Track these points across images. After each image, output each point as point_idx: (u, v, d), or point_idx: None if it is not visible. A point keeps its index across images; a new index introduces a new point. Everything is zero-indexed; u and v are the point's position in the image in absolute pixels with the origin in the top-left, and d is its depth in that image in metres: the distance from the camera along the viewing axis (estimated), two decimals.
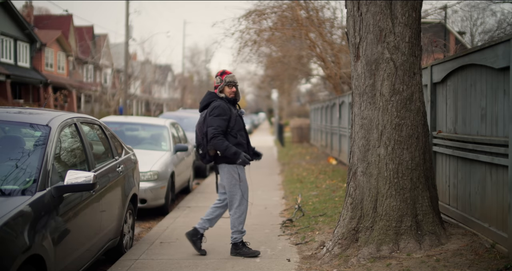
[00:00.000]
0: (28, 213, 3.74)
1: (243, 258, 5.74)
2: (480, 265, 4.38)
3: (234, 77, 5.88)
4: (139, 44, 39.26)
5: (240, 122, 5.86)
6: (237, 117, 5.82)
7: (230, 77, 5.83)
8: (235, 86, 5.86)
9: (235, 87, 5.86)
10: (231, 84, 5.83)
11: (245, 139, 5.86)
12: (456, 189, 5.77)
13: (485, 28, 22.15)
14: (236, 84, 5.89)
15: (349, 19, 5.40)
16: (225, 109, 5.67)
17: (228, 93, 5.83)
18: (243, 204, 5.81)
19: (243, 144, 5.79)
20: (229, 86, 5.83)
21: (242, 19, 15.94)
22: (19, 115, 4.88)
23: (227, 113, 5.67)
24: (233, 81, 5.84)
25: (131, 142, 9.57)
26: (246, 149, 5.83)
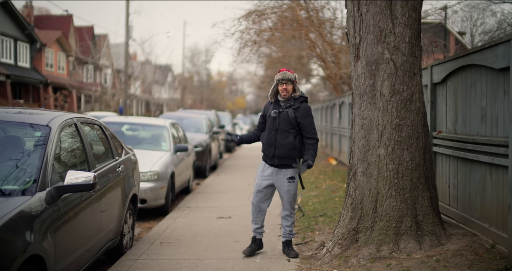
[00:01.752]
0: (28, 213, 3.74)
1: (243, 258, 5.74)
2: (480, 266, 4.38)
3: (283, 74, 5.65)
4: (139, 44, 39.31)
5: (270, 123, 5.73)
6: (270, 117, 5.74)
7: (279, 75, 5.68)
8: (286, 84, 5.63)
9: (287, 84, 5.63)
10: (281, 82, 5.66)
11: (266, 139, 5.75)
12: (456, 189, 5.77)
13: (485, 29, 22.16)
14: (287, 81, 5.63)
15: (349, 19, 5.40)
16: (264, 109, 5.91)
17: (280, 91, 5.70)
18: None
19: (263, 143, 5.80)
20: (280, 84, 5.68)
21: (242, 19, 15.95)
22: (19, 116, 4.88)
23: (263, 112, 5.89)
24: (282, 78, 5.64)
25: (131, 142, 9.57)
26: (264, 149, 5.75)
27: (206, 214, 8.54)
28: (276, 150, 5.64)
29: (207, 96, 63.21)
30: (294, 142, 5.61)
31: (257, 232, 5.94)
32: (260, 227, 5.93)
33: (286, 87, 5.62)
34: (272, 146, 5.67)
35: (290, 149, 5.61)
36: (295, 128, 5.63)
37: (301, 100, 5.70)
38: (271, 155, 5.68)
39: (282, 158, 5.63)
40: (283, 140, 5.63)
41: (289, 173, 5.69)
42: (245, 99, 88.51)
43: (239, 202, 9.74)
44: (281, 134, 5.64)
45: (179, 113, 18.65)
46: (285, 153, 5.62)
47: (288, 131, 5.62)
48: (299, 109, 5.63)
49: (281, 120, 5.64)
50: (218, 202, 9.82)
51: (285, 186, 5.72)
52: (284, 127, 5.63)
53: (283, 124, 5.63)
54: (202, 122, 16.20)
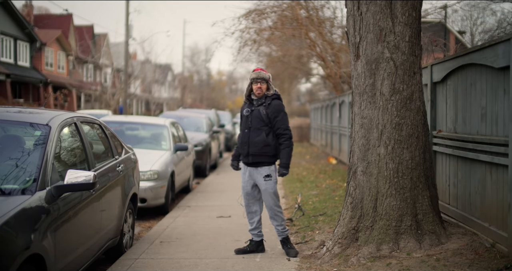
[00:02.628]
0: (28, 212, 3.74)
1: (243, 257, 5.74)
2: (480, 265, 4.38)
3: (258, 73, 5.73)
4: (139, 43, 39.25)
5: (243, 122, 5.84)
6: (243, 117, 5.83)
7: (254, 74, 5.76)
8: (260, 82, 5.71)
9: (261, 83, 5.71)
10: (255, 81, 5.74)
11: (240, 138, 5.83)
12: (456, 188, 5.77)
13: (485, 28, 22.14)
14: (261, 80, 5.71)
15: (349, 18, 5.40)
16: (240, 110, 5.93)
17: (254, 90, 5.78)
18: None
19: (238, 143, 5.85)
20: (254, 83, 5.76)
21: (242, 18, 15.95)
22: (19, 115, 4.88)
23: (241, 112, 5.92)
24: (256, 77, 5.73)
25: (131, 141, 9.57)
26: (240, 149, 5.83)
27: (206, 213, 8.54)
28: (249, 148, 5.71)
29: (207, 96, 63.22)
30: (266, 139, 5.66)
31: (253, 233, 5.93)
32: (254, 229, 5.91)
33: (261, 86, 5.72)
34: (245, 144, 5.74)
35: (262, 146, 5.67)
36: (267, 126, 5.69)
37: (273, 97, 5.78)
38: (245, 153, 5.75)
39: (256, 155, 5.69)
40: (255, 138, 5.69)
41: (264, 171, 5.72)
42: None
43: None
44: (254, 132, 5.71)
45: (179, 113, 18.65)
46: (258, 150, 5.67)
47: (260, 129, 5.69)
48: (270, 106, 5.71)
49: (253, 118, 5.72)
50: (218, 201, 9.82)
51: (262, 185, 5.75)
52: (256, 125, 5.70)
53: (255, 122, 5.70)
54: (202, 121, 16.19)
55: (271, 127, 5.71)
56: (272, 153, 5.71)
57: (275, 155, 5.75)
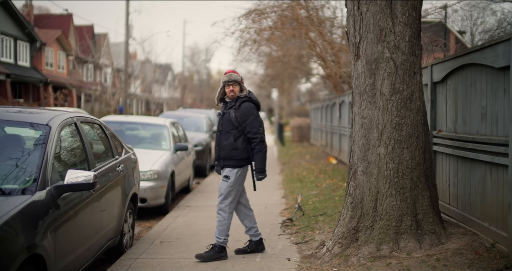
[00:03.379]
0: (28, 213, 3.74)
1: (243, 257, 5.74)
2: (480, 265, 4.38)
3: (229, 76, 5.67)
4: (139, 43, 39.20)
5: (218, 125, 5.81)
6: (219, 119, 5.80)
7: (225, 77, 5.69)
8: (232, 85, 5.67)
9: (233, 86, 5.67)
10: (227, 84, 5.69)
11: (215, 141, 5.82)
12: (456, 188, 5.77)
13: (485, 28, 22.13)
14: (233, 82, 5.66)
15: (349, 18, 5.40)
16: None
17: (227, 93, 5.74)
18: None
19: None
20: (226, 86, 5.71)
21: (242, 18, 15.94)
22: (19, 115, 4.88)
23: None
24: (228, 80, 5.67)
25: (131, 141, 9.57)
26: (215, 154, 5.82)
27: (206, 213, 8.54)
28: (220, 151, 5.69)
29: (207, 95, 63.19)
30: (234, 143, 5.59)
31: (249, 234, 5.96)
32: (248, 230, 5.92)
33: (233, 88, 5.66)
34: (217, 146, 5.73)
35: (230, 149, 5.61)
36: (237, 129, 5.61)
37: (243, 100, 5.68)
38: (217, 156, 5.75)
39: (225, 159, 5.67)
40: (224, 141, 5.66)
41: (226, 172, 5.70)
42: None
43: None
44: (224, 136, 5.67)
45: (179, 113, 18.66)
46: (226, 154, 5.64)
47: (229, 132, 5.64)
48: (240, 109, 5.63)
49: (224, 122, 5.68)
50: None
51: (221, 184, 5.77)
52: (226, 128, 5.66)
53: (225, 125, 5.67)
54: (202, 121, 16.20)
55: (242, 130, 5.62)
56: (241, 157, 5.62)
57: (247, 158, 5.67)
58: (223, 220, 5.73)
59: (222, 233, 5.73)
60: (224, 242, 5.72)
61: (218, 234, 5.73)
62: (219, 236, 5.72)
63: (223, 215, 5.74)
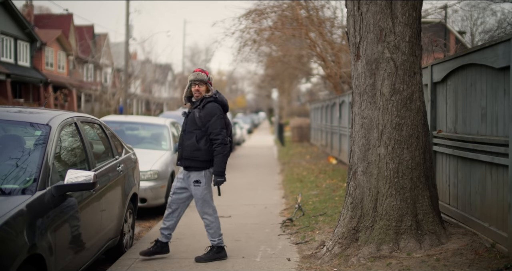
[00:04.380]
0: (28, 212, 3.74)
1: (243, 257, 5.74)
2: (480, 265, 4.38)
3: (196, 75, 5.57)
4: (139, 43, 39.16)
5: (183, 124, 5.72)
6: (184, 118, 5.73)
7: (192, 76, 5.60)
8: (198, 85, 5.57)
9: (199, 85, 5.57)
10: (193, 83, 5.61)
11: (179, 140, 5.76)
12: (456, 188, 5.77)
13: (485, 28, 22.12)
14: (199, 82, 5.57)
15: (349, 18, 5.40)
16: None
17: (193, 92, 5.65)
18: None
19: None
20: (192, 85, 5.64)
21: (242, 18, 15.94)
22: (19, 115, 4.88)
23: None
24: (194, 79, 5.57)
25: (131, 141, 9.57)
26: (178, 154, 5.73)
27: None
28: (183, 151, 5.61)
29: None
30: (196, 144, 5.51)
31: (162, 233, 5.76)
32: (165, 228, 5.74)
33: (198, 88, 5.57)
34: (180, 146, 5.66)
35: (192, 150, 5.52)
36: (200, 129, 5.53)
37: (208, 100, 5.59)
38: (179, 156, 5.67)
39: (187, 159, 5.58)
40: (187, 141, 5.58)
41: (194, 176, 5.59)
42: (245, 99, 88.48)
43: (239, 201, 9.75)
44: (187, 135, 5.60)
45: (179, 113, 18.64)
46: (188, 154, 5.55)
47: (192, 132, 5.56)
48: (204, 109, 5.55)
49: (188, 121, 5.61)
50: (217, 201, 9.77)
51: (192, 190, 5.65)
52: (189, 128, 5.58)
53: (189, 125, 5.59)
54: None
55: (205, 131, 5.54)
56: (204, 158, 5.53)
57: (210, 160, 5.56)
58: (210, 223, 5.70)
59: (215, 234, 5.71)
60: (220, 242, 5.71)
61: (212, 237, 5.70)
62: (213, 238, 5.70)
63: (209, 218, 5.70)
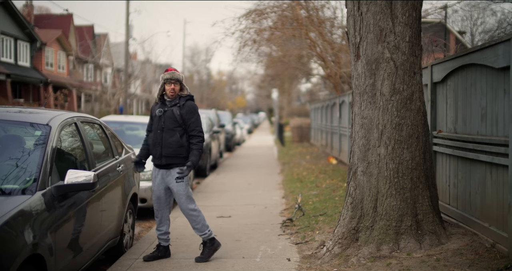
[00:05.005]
0: (28, 213, 3.74)
1: (243, 257, 5.74)
2: (480, 265, 4.38)
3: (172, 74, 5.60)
4: (140, 43, 39.20)
5: (155, 123, 5.68)
6: (155, 117, 5.70)
7: (168, 74, 5.62)
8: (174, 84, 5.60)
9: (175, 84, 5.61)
10: (169, 81, 5.62)
11: (153, 139, 5.68)
12: (456, 188, 5.77)
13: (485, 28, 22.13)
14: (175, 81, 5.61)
15: (349, 18, 5.40)
16: (151, 110, 5.83)
17: (167, 91, 5.66)
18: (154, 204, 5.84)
19: (150, 144, 5.76)
20: (167, 84, 5.64)
21: (242, 18, 15.95)
22: (19, 115, 4.88)
23: (151, 113, 5.81)
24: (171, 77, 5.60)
25: (131, 141, 9.56)
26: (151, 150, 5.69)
27: (206, 213, 8.53)
28: (162, 149, 5.60)
29: (207, 96, 63.22)
30: (180, 140, 5.58)
31: (161, 239, 5.80)
32: (163, 234, 5.79)
33: (174, 87, 5.62)
34: (158, 145, 5.63)
35: (177, 147, 5.57)
36: (181, 127, 5.60)
37: (187, 98, 5.69)
38: (158, 155, 5.63)
39: (170, 157, 5.59)
40: (169, 138, 5.59)
41: (175, 172, 5.62)
42: (245, 99, 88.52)
43: (239, 201, 9.75)
44: (167, 133, 5.60)
45: None
46: (172, 151, 5.58)
47: (173, 129, 5.59)
48: (184, 107, 5.62)
49: (166, 119, 5.62)
50: (218, 201, 9.82)
51: (174, 187, 5.65)
52: (169, 125, 5.60)
53: (168, 123, 5.61)
54: (202, 121, 16.14)
55: (185, 128, 5.62)
56: (185, 154, 5.61)
57: (187, 157, 5.64)
58: (197, 217, 5.74)
59: (204, 227, 5.74)
60: (210, 233, 5.75)
61: (201, 232, 5.72)
62: (202, 233, 5.72)
63: (194, 213, 5.73)
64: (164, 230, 5.79)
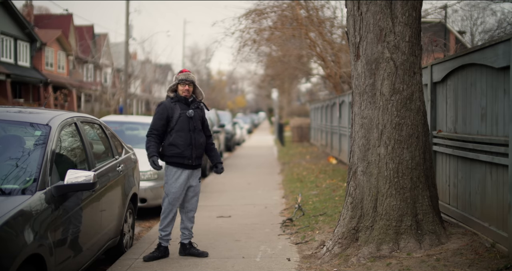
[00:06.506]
0: (28, 213, 3.74)
1: (243, 257, 5.74)
2: (480, 265, 4.38)
3: (187, 75, 5.75)
4: (139, 43, 39.18)
5: (184, 123, 5.70)
6: (181, 117, 5.70)
7: (183, 75, 5.75)
8: (188, 85, 5.73)
9: (189, 85, 5.74)
10: (183, 82, 5.73)
11: (183, 140, 5.68)
12: (456, 188, 5.77)
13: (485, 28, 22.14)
14: (189, 82, 5.74)
15: (349, 18, 5.40)
16: (164, 109, 5.74)
17: (181, 92, 5.75)
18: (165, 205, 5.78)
19: (177, 144, 5.68)
20: (181, 84, 5.74)
21: (242, 18, 15.94)
22: (19, 115, 4.88)
23: (165, 113, 5.73)
24: (186, 79, 5.73)
25: (131, 141, 9.56)
26: (181, 151, 5.67)
27: (206, 213, 8.54)
28: (196, 150, 5.74)
29: (207, 95, 63.08)
30: (205, 141, 5.91)
31: (167, 239, 5.84)
32: (169, 234, 5.85)
33: (188, 88, 5.77)
34: (191, 145, 5.71)
35: (203, 147, 5.88)
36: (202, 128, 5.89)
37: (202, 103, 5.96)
38: (190, 155, 5.71)
39: (199, 157, 5.81)
40: (200, 139, 5.80)
41: (199, 173, 5.88)
42: (245, 98, 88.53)
43: (239, 201, 9.75)
44: (198, 134, 5.79)
45: None
46: (201, 152, 5.84)
47: (200, 130, 5.84)
48: (201, 110, 5.90)
49: (195, 120, 5.78)
50: (218, 201, 9.82)
51: (196, 186, 5.83)
52: (198, 126, 5.80)
53: (197, 124, 5.79)
54: None
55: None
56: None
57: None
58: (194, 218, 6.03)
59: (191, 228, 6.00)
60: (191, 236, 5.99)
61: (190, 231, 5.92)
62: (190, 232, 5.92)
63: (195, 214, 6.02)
64: (170, 231, 5.84)
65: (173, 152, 5.69)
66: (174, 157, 5.69)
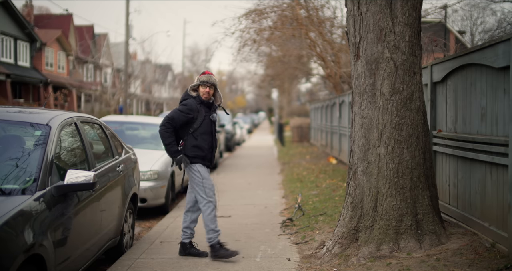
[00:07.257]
0: (28, 213, 3.74)
1: (243, 257, 5.74)
2: (480, 265, 4.38)
3: (209, 77, 5.74)
4: (139, 43, 39.15)
5: (208, 126, 5.74)
6: (206, 120, 5.72)
7: (205, 77, 5.74)
8: (209, 87, 5.73)
9: (210, 88, 5.73)
10: (204, 84, 5.72)
11: (207, 143, 5.73)
12: (456, 188, 5.77)
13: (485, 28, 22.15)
14: (211, 85, 5.74)
15: (349, 18, 5.40)
16: (191, 110, 5.68)
17: (202, 93, 5.73)
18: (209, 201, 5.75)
19: (203, 147, 5.70)
20: (202, 86, 5.73)
21: (242, 18, 15.93)
22: (19, 115, 4.88)
23: (192, 112, 5.68)
24: (207, 81, 5.72)
25: (131, 141, 9.57)
26: (205, 154, 5.72)
27: None
28: (214, 152, 5.91)
29: None
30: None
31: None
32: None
33: (209, 90, 5.76)
34: (211, 148, 5.83)
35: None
36: None
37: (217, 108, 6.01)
38: (209, 157, 5.84)
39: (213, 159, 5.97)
40: (216, 143, 5.97)
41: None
42: (245, 98, 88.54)
43: (239, 201, 9.75)
44: (215, 138, 5.93)
45: None
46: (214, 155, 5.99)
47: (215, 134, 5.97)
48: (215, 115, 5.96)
49: (215, 124, 5.91)
50: (218, 201, 9.80)
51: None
52: (216, 130, 5.94)
53: (216, 128, 5.94)
54: None
55: None
56: None
57: None
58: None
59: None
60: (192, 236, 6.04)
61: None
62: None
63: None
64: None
65: (196, 154, 5.70)
66: (196, 158, 5.71)
